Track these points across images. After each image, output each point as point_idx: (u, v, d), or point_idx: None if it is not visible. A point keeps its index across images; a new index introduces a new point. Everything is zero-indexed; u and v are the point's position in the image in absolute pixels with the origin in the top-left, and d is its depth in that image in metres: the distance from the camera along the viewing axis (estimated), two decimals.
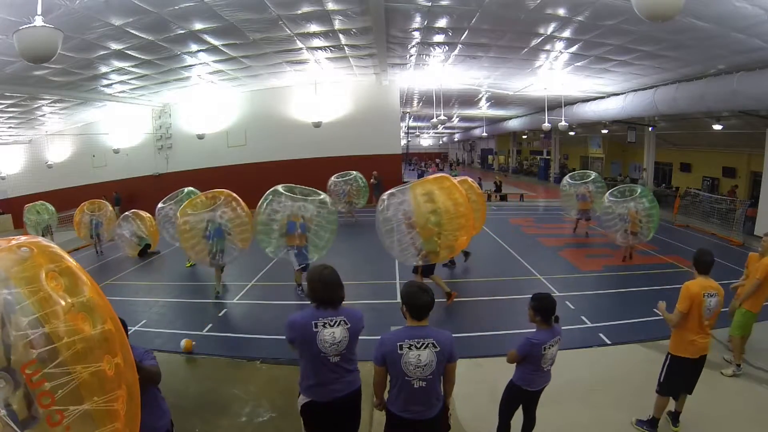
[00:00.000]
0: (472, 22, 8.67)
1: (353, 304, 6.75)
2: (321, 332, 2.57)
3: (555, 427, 3.66)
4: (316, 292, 2.64)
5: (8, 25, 6.68)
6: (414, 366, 2.43)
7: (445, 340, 2.49)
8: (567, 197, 12.00)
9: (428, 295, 2.51)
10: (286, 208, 7.04)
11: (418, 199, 6.24)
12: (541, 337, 2.98)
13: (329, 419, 2.77)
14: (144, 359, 2.44)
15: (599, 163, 25.33)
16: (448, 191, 6.19)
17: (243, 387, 4.56)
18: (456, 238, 6.20)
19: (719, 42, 8.12)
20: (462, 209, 6.07)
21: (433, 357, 2.44)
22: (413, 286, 2.54)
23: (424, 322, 2.52)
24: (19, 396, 1.38)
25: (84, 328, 1.55)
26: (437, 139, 54.17)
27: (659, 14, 3.64)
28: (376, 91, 16.52)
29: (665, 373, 3.62)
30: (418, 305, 2.49)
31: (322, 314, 2.60)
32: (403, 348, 2.44)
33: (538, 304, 3.00)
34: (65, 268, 1.63)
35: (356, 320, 2.70)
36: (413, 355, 2.42)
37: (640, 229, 8.64)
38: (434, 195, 6.19)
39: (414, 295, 2.50)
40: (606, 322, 5.99)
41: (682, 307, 3.41)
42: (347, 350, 2.66)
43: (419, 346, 2.43)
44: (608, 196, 9.21)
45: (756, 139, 12.83)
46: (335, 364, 2.64)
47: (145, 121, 17.82)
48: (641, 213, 8.63)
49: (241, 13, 8.33)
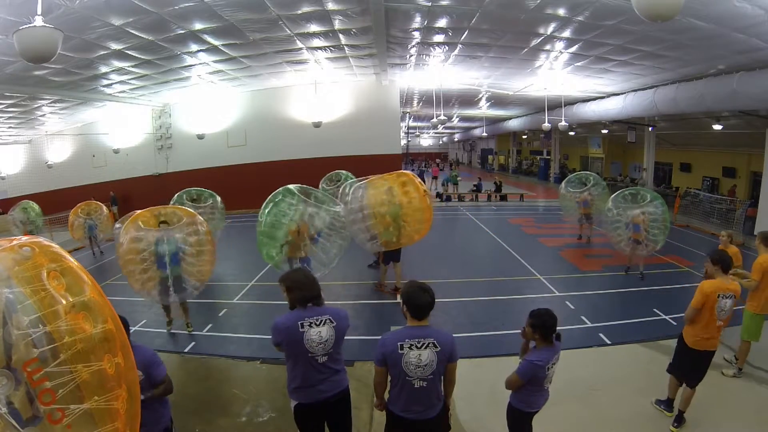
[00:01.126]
0: (472, 22, 8.68)
1: (354, 305, 6.83)
2: (308, 332, 2.57)
3: (555, 427, 3.66)
4: (302, 292, 2.65)
5: (8, 25, 6.69)
6: (415, 366, 2.42)
7: (445, 340, 2.47)
8: (567, 202, 11.31)
9: (428, 294, 2.49)
10: (296, 213, 5.98)
11: (375, 193, 6.86)
12: (543, 357, 2.73)
13: (320, 421, 2.78)
14: (152, 367, 2.48)
15: (599, 163, 25.35)
16: (403, 186, 6.89)
17: (243, 387, 4.57)
18: (417, 231, 6.84)
19: (719, 42, 8.12)
20: (418, 203, 6.75)
21: (434, 357, 2.43)
22: (413, 286, 2.53)
23: (424, 321, 2.50)
24: (21, 394, 1.38)
25: (85, 327, 1.56)
26: (437, 139, 54.21)
27: (659, 14, 3.64)
28: (376, 91, 16.53)
29: (675, 352, 3.85)
30: (418, 304, 2.47)
31: (308, 314, 2.61)
32: (403, 348, 2.43)
33: (536, 321, 2.73)
34: (66, 267, 1.63)
35: (341, 318, 2.70)
36: (414, 355, 2.42)
37: (647, 236, 7.67)
38: (392, 190, 6.86)
39: (414, 294, 2.48)
40: (606, 322, 5.99)
41: (695, 302, 3.57)
42: (334, 349, 2.66)
43: (420, 345, 2.42)
44: (612, 202, 8.27)
45: (756, 139, 12.84)
46: (323, 365, 2.64)
47: (145, 121, 17.83)
48: (649, 220, 7.69)
49: (241, 13, 8.33)
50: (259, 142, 17.20)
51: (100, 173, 18.93)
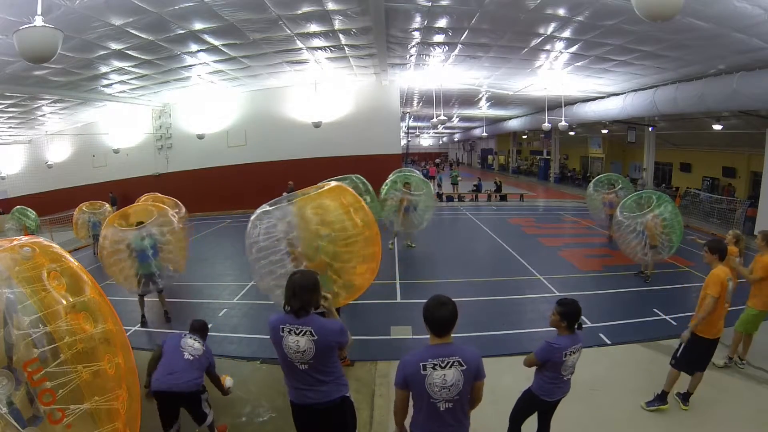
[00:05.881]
0: (472, 22, 8.68)
1: (353, 305, 6.80)
2: (286, 338, 2.51)
3: (555, 427, 3.66)
4: (288, 297, 2.54)
5: (8, 25, 6.68)
6: (440, 387, 2.24)
7: (471, 357, 2.28)
8: (593, 203, 11.05)
9: (447, 308, 2.26)
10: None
11: (306, 218, 4.14)
12: (562, 343, 2.86)
13: (311, 421, 2.72)
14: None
15: (599, 163, 25.34)
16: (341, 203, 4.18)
17: (243, 387, 4.57)
18: (357, 272, 4.11)
19: (719, 42, 8.12)
20: (362, 230, 4.06)
21: (460, 376, 2.24)
22: (433, 300, 2.30)
23: (447, 338, 2.29)
24: (21, 394, 1.38)
25: (85, 327, 1.56)
26: (437, 139, 54.20)
27: (659, 14, 3.64)
28: (376, 91, 16.52)
29: (682, 349, 3.87)
30: (436, 320, 2.26)
31: (290, 320, 2.52)
32: (426, 368, 2.23)
33: (565, 310, 2.86)
34: (67, 268, 1.63)
35: (326, 332, 2.51)
36: (438, 375, 2.23)
37: (661, 243, 7.40)
38: (328, 211, 4.14)
39: (431, 309, 2.27)
40: (606, 322, 5.99)
41: (715, 292, 3.65)
42: (315, 361, 2.53)
43: (444, 365, 2.23)
44: (620, 212, 7.93)
45: (756, 139, 12.84)
46: (304, 372, 2.56)
47: (145, 121, 17.82)
48: (662, 225, 7.40)
49: (241, 13, 8.33)
50: (259, 142, 17.19)
51: (100, 173, 18.93)
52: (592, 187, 11.19)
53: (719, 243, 3.90)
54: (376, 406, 4.17)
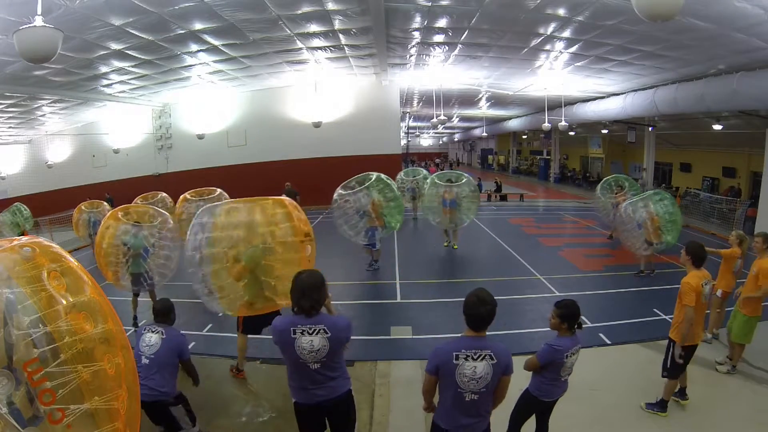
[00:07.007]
0: (472, 22, 8.68)
1: (354, 305, 6.82)
2: (299, 339, 2.51)
3: (555, 427, 3.66)
4: (297, 298, 2.55)
5: (8, 25, 6.69)
6: (469, 378, 2.35)
7: (502, 353, 2.40)
8: (601, 204, 10.96)
9: (485, 306, 2.38)
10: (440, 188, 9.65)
11: (226, 223, 4.21)
12: (563, 344, 2.87)
13: (318, 420, 2.77)
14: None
15: (599, 163, 25.34)
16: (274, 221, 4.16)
17: (243, 387, 4.57)
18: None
19: (719, 42, 8.12)
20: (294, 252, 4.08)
21: (489, 369, 2.36)
22: (472, 296, 2.44)
23: (482, 333, 2.43)
24: (21, 394, 1.38)
25: (85, 327, 1.56)
26: (437, 139, 54.18)
27: (659, 14, 3.65)
28: (376, 91, 16.53)
29: (672, 362, 3.77)
30: (474, 316, 2.40)
31: (301, 321, 2.52)
32: (459, 358, 2.35)
33: (565, 311, 2.88)
34: (67, 267, 1.63)
35: (338, 329, 2.58)
36: (469, 366, 2.35)
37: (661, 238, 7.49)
38: (253, 223, 4.12)
39: (471, 305, 2.41)
40: (606, 322, 5.98)
41: (690, 301, 3.59)
42: (328, 358, 2.58)
43: (476, 357, 2.35)
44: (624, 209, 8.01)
45: (756, 139, 12.84)
46: (315, 371, 2.58)
47: (145, 121, 17.82)
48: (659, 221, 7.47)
49: (241, 13, 8.33)
50: (259, 142, 17.20)
51: (100, 173, 18.93)
52: (599, 190, 11.02)
53: (699, 249, 3.75)
54: (376, 406, 4.16)
